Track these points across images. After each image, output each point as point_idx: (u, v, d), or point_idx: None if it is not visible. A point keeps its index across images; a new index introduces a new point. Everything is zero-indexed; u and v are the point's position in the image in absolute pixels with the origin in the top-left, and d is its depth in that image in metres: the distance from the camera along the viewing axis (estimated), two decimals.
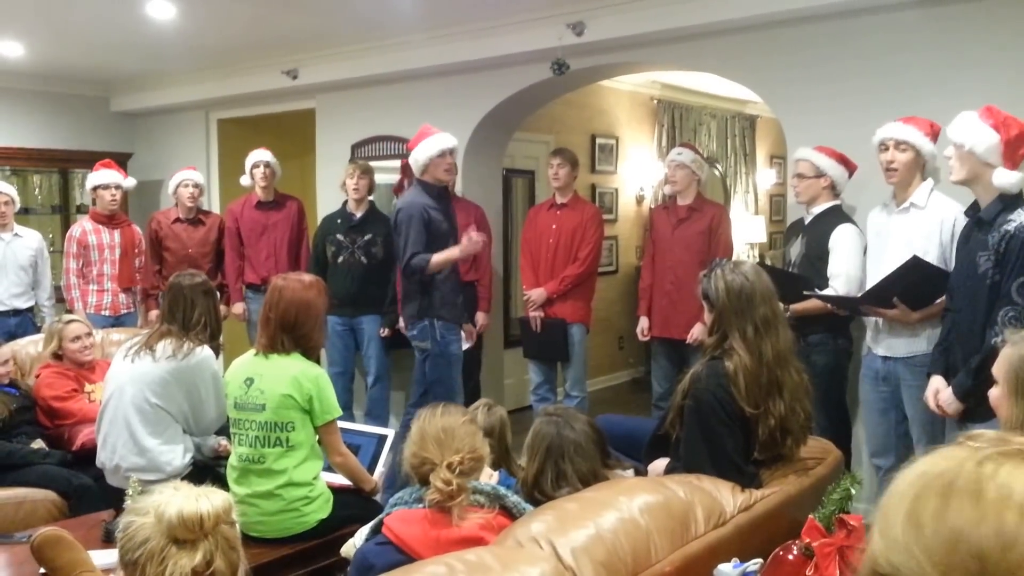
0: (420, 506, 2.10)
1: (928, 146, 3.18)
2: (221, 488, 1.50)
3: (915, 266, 3.05)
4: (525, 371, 5.39)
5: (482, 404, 2.77)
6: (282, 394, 2.83)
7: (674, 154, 4.60)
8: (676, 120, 7.40)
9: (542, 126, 6.26)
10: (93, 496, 3.42)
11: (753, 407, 2.34)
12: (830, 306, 3.50)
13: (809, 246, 3.66)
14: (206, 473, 3.10)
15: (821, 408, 3.16)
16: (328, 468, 3.02)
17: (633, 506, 1.97)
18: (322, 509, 2.91)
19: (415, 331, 4.18)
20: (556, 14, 4.37)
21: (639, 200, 7.36)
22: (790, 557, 1.98)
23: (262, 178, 5.34)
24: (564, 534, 1.82)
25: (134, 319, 5.41)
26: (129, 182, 5.55)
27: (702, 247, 4.39)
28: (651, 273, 4.61)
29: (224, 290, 5.35)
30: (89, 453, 3.45)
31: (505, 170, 5.87)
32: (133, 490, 2.40)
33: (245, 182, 5.51)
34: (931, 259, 3.11)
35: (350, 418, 4.64)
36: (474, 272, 4.81)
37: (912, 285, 3.10)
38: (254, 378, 2.89)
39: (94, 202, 5.39)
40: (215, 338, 3.37)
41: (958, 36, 3.55)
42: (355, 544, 2.34)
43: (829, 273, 3.54)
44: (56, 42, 5.40)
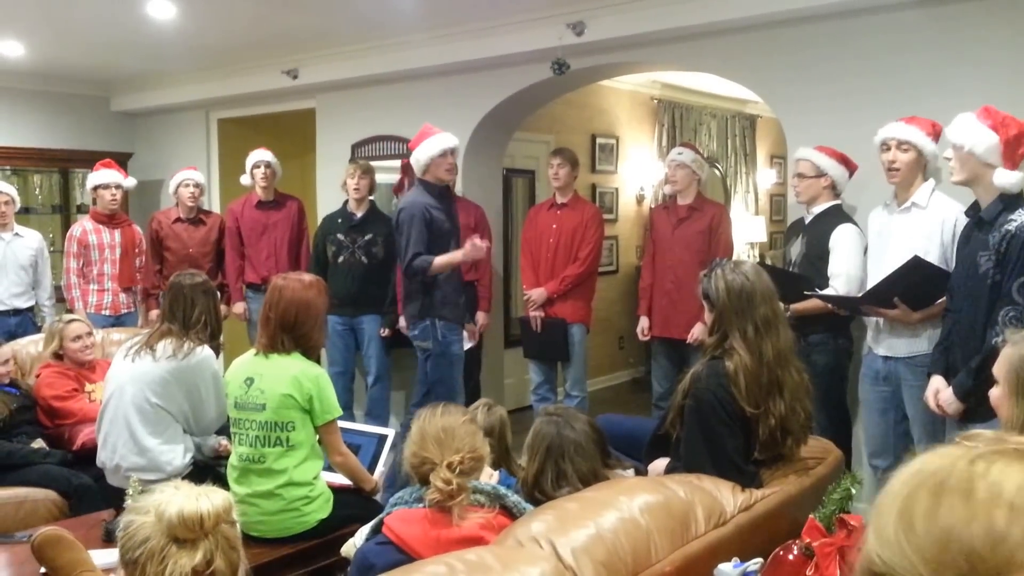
0: (420, 506, 2.10)
1: (930, 146, 3.18)
2: (221, 488, 1.50)
3: (916, 266, 3.05)
4: (525, 371, 5.39)
5: (482, 404, 2.77)
6: (282, 394, 2.83)
7: (674, 154, 4.60)
8: (676, 120, 7.40)
9: (542, 126, 6.25)
10: (93, 496, 3.42)
11: (753, 407, 2.34)
12: (830, 306, 3.50)
13: (809, 246, 3.66)
14: (206, 473, 3.10)
15: (821, 408, 3.16)
16: (328, 468, 3.02)
17: (633, 506, 1.97)
18: (322, 509, 2.91)
19: (417, 331, 4.18)
20: (556, 14, 4.37)
21: (639, 200, 7.35)
22: (790, 557, 1.98)
23: (262, 178, 5.35)
24: (564, 534, 1.82)
25: (134, 319, 5.41)
26: (129, 182, 5.55)
27: (702, 247, 4.39)
28: (651, 273, 4.61)
29: (224, 290, 5.35)
30: (89, 453, 3.45)
31: (505, 170, 5.86)
32: (133, 490, 2.40)
33: (245, 181, 5.51)
34: (932, 259, 3.10)
35: (350, 418, 4.64)
36: (474, 272, 4.80)
37: (913, 285, 3.10)
38: (254, 378, 2.89)
39: (94, 202, 5.40)
40: (215, 338, 3.37)
41: (958, 36, 3.55)
42: (355, 544, 2.34)
43: (829, 273, 3.54)
44: (56, 42, 5.40)
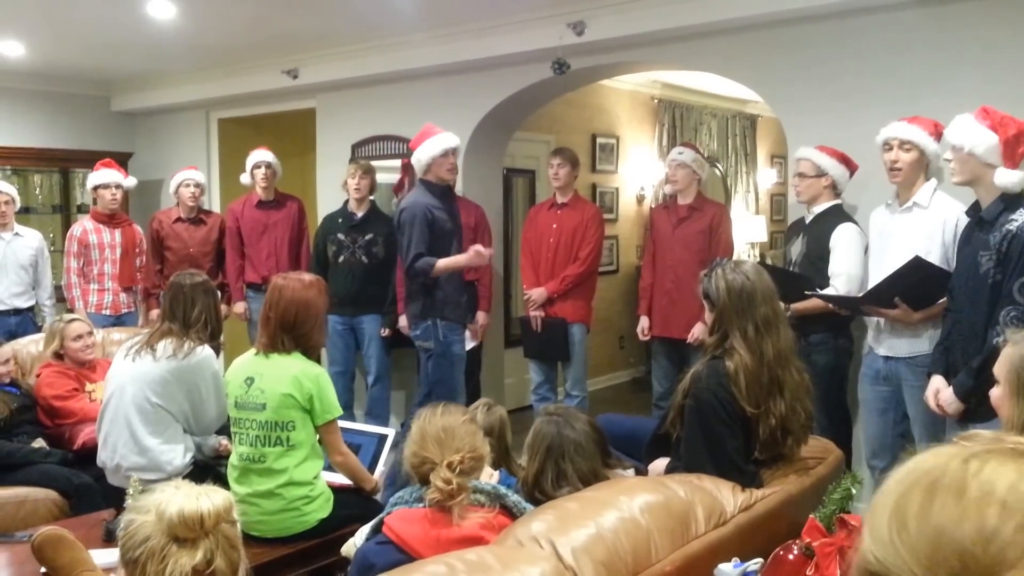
0: (420, 505, 2.10)
1: (932, 146, 3.17)
2: (222, 487, 1.50)
3: (917, 266, 3.04)
4: (525, 371, 5.39)
5: (482, 404, 2.77)
6: (282, 393, 2.83)
7: (675, 153, 4.60)
8: (677, 119, 7.40)
9: (543, 125, 6.25)
10: (94, 495, 3.42)
11: (754, 407, 2.34)
12: (831, 306, 3.50)
13: (810, 245, 3.66)
14: (207, 472, 3.10)
15: (822, 408, 3.15)
16: (328, 467, 3.02)
17: (634, 505, 1.97)
18: (322, 508, 2.91)
19: (418, 331, 4.17)
20: (557, 14, 4.37)
21: (640, 199, 7.35)
22: (791, 557, 1.98)
23: (263, 178, 5.35)
24: (565, 533, 1.82)
25: (134, 318, 5.41)
26: (130, 181, 5.55)
27: (702, 246, 4.39)
28: (651, 272, 4.61)
29: (225, 289, 5.36)
30: (90, 452, 3.45)
31: (506, 169, 5.86)
32: (134, 489, 2.40)
33: (245, 181, 5.51)
34: (934, 259, 3.10)
35: (351, 417, 4.64)
36: (474, 272, 4.80)
37: (914, 285, 3.10)
38: (254, 377, 2.89)
39: (95, 201, 5.40)
40: (215, 337, 3.37)
41: (958, 35, 3.55)
42: (355, 543, 2.34)
43: (830, 272, 3.54)
44: (57, 42, 5.40)
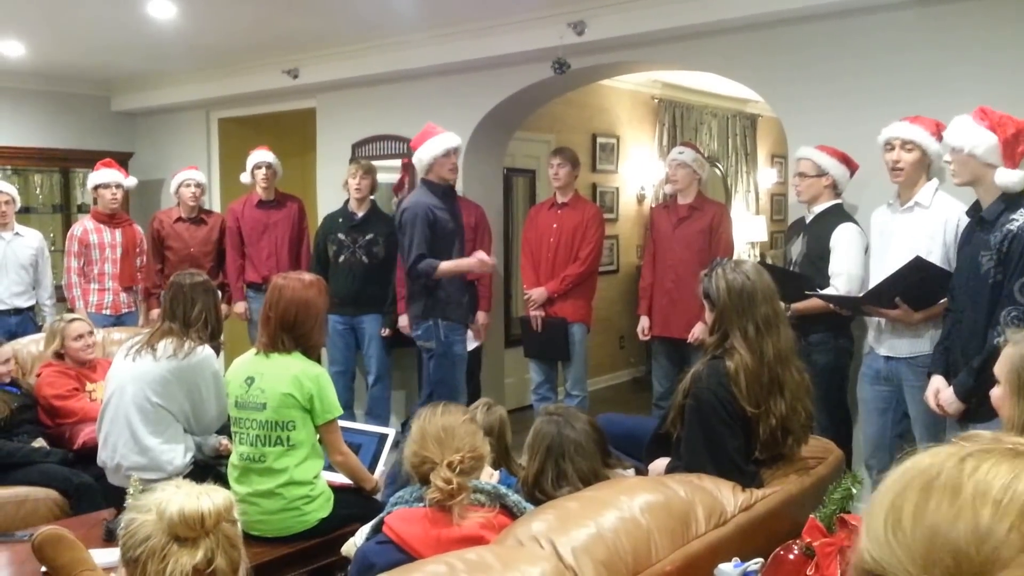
0: (421, 505, 2.10)
1: (934, 146, 3.16)
2: (222, 487, 1.50)
3: (918, 266, 3.04)
4: (526, 370, 5.39)
5: (481, 403, 2.77)
6: (283, 393, 2.83)
7: (675, 153, 4.60)
8: (677, 119, 7.40)
9: (543, 125, 6.25)
10: (94, 495, 3.42)
11: (754, 406, 2.34)
12: (832, 305, 3.50)
13: (810, 245, 3.66)
14: (207, 472, 3.10)
15: (822, 407, 3.15)
16: (329, 467, 3.02)
17: (634, 505, 1.97)
18: (323, 508, 2.91)
19: (420, 331, 4.17)
20: (557, 13, 4.37)
21: (640, 199, 7.35)
22: (791, 557, 1.98)
23: (263, 179, 5.35)
24: (565, 533, 1.82)
25: (135, 318, 5.42)
26: (130, 181, 5.56)
27: (703, 246, 4.39)
28: (652, 272, 4.61)
29: (225, 289, 5.36)
30: (90, 452, 3.45)
31: (506, 169, 5.86)
32: (134, 489, 2.39)
33: (245, 180, 5.51)
34: (935, 259, 3.10)
35: (351, 417, 4.64)
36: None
37: (914, 285, 3.09)
38: (255, 377, 2.89)
39: (95, 201, 5.40)
40: (216, 337, 3.37)
41: (958, 35, 3.55)
42: (356, 543, 2.34)
43: (830, 272, 3.54)
44: (57, 42, 5.41)
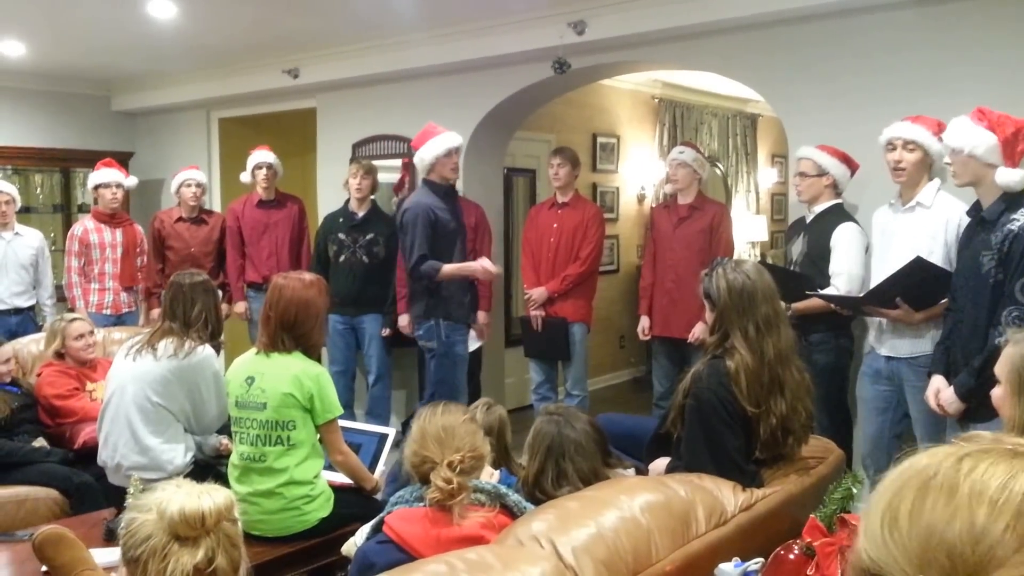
0: (421, 505, 2.10)
1: (936, 145, 3.15)
2: (222, 487, 1.50)
3: (918, 266, 3.04)
4: (526, 370, 5.39)
5: (481, 403, 2.77)
6: (283, 393, 2.83)
7: (675, 153, 4.60)
8: (677, 119, 7.39)
9: (543, 125, 6.25)
10: (94, 494, 3.42)
11: (754, 406, 2.34)
12: (832, 305, 3.49)
13: (811, 245, 3.66)
14: (207, 472, 3.09)
15: (822, 407, 3.15)
16: (329, 467, 3.02)
17: (634, 505, 1.97)
18: (323, 508, 2.91)
19: (421, 331, 4.18)
20: (557, 13, 4.37)
21: (640, 199, 7.35)
22: (791, 556, 1.98)
23: (264, 179, 5.35)
24: (565, 533, 1.82)
25: (135, 318, 5.42)
26: (130, 181, 5.56)
27: (703, 246, 4.39)
28: (652, 272, 4.61)
29: (226, 289, 5.36)
30: (91, 451, 3.45)
31: (506, 169, 5.86)
32: (134, 488, 2.39)
33: (245, 179, 5.51)
34: (936, 259, 3.09)
35: (351, 417, 4.64)
36: None
37: (915, 285, 3.09)
38: (255, 377, 2.89)
39: (95, 201, 5.40)
40: (216, 336, 3.37)
41: (958, 34, 3.55)
42: (356, 543, 2.34)
43: (831, 271, 3.54)
44: (57, 42, 5.41)
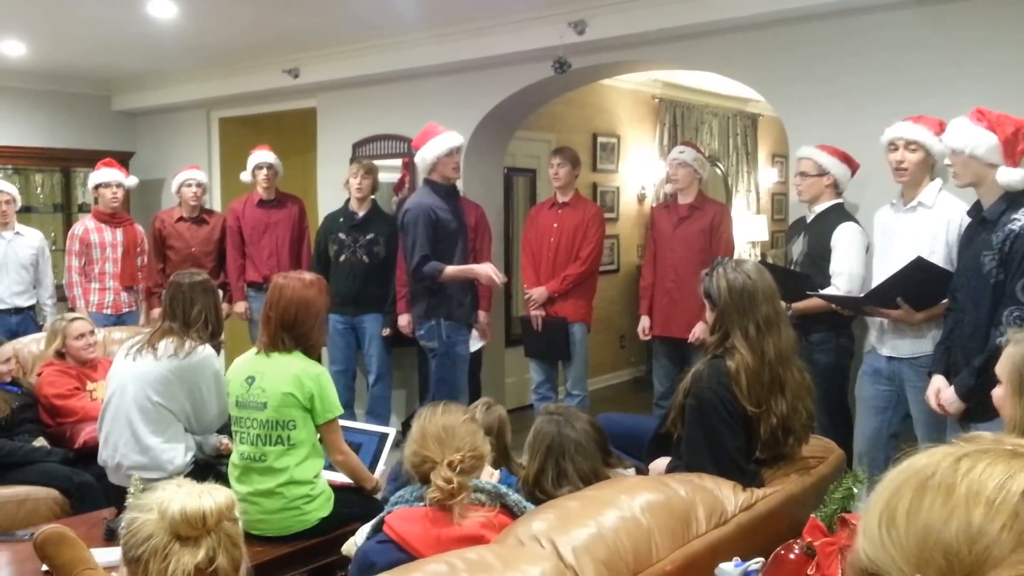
0: (421, 504, 2.10)
1: (938, 146, 3.14)
2: (223, 486, 1.50)
3: (919, 267, 3.04)
4: (526, 370, 5.39)
5: (481, 403, 2.77)
6: (283, 392, 2.83)
7: (676, 153, 4.60)
8: (678, 119, 7.39)
9: (543, 125, 6.25)
10: (95, 494, 3.42)
11: (755, 406, 2.34)
12: (833, 305, 3.49)
13: (811, 244, 3.66)
14: (208, 471, 3.10)
15: (823, 407, 3.15)
16: (329, 466, 3.03)
17: (634, 505, 1.97)
18: (323, 507, 2.91)
19: (422, 331, 4.19)
20: (557, 13, 4.37)
21: (640, 199, 7.35)
22: (792, 556, 1.98)
23: (264, 179, 5.35)
24: (565, 532, 1.82)
25: (135, 318, 5.42)
26: (131, 181, 5.56)
27: (703, 246, 4.39)
28: (652, 272, 4.61)
29: (227, 289, 5.36)
30: (91, 451, 3.45)
31: (506, 169, 5.86)
32: (135, 488, 2.39)
33: (245, 178, 5.51)
34: (937, 259, 3.09)
35: (351, 416, 4.64)
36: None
37: (915, 285, 3.09)
38: (255, 376, 2.89)
39: (96, 201, 5.40)
40: (216, 336, 3.37)
41: (958, 34, 3.55)
42: (356, 542, 2.34)
43: (831, 271, 3.54)
44: (58, 41, 5.41)
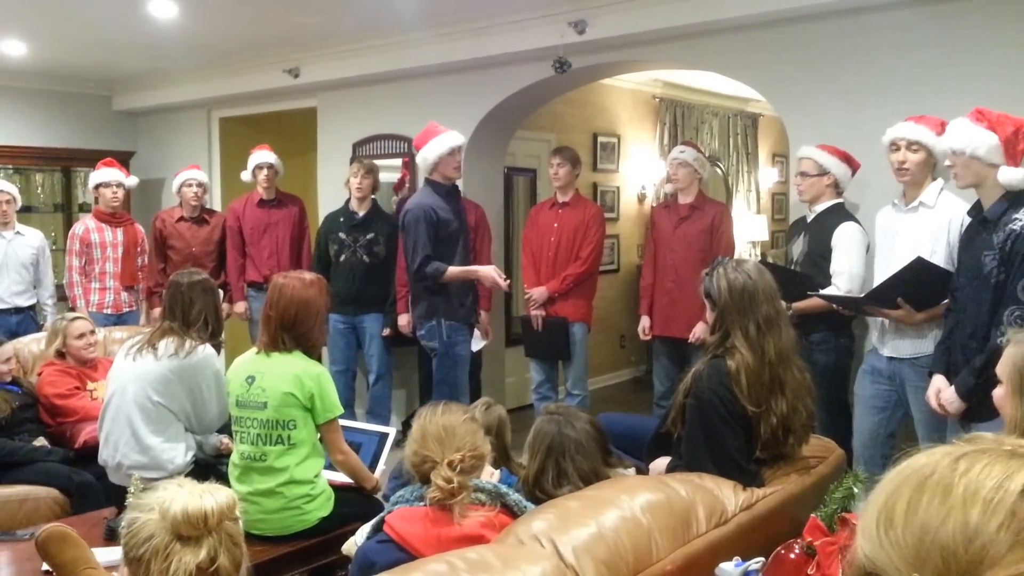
0: (421, 504, 2.10)
1: (940, 146, 3.14)
2: (223, 486, 1.50)
3: (919, 266, 3.04)
4: (526, 370, 5.39)
5: (481, 403, 2.77)
6: (284, 392, 2.83)
7: (676, 152, 4.60)
8: (678, 118, 7.39)
9: (544, 124, 6.25)
10: (95, 494, 3.42)
11: (755, 406, 2.34)
12: (833, 305, 3.49)
13: (812, 244, 3.66)
14: (208, 471, 3.09)
15: (823, 407, 3.14)
16: (330, 466, 3.03)
17: (635, 504, 1.97)
18: (323, 507, 2.91)
19: (423, 331, 4.19)
20: (558, 12, 4.37)
21: (641, 199, 7.35)
22: (792, 556, 1.98)
23: (265, 179, 5.35)
24: (565, 532, 1.82)
25: (136, 317, 5.42)
26: (131, 180, 5.57)
27: (704, 245, 4.39)
28: (652, 272, 4.61)
29: (227, 288, 5.36)
30: (91, 451, 3.45)
31: (507, 168, 5.86)
32: (135, 488, 2.39)
33: (245, 178, 5.51)
34: (938, 259, 3.09)
35: (351, 416, 4.65)
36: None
37: (916, 286, 3.09)
38: (256, 376, 2.89)
39: (96, 200, 5.41)
40: (216, 336, 3.36)
41: (959, 34, 3.55)
42: (356, 542, 2.34)
43: (832, 271, 3.54)
44: (59, 41, 5.41)
